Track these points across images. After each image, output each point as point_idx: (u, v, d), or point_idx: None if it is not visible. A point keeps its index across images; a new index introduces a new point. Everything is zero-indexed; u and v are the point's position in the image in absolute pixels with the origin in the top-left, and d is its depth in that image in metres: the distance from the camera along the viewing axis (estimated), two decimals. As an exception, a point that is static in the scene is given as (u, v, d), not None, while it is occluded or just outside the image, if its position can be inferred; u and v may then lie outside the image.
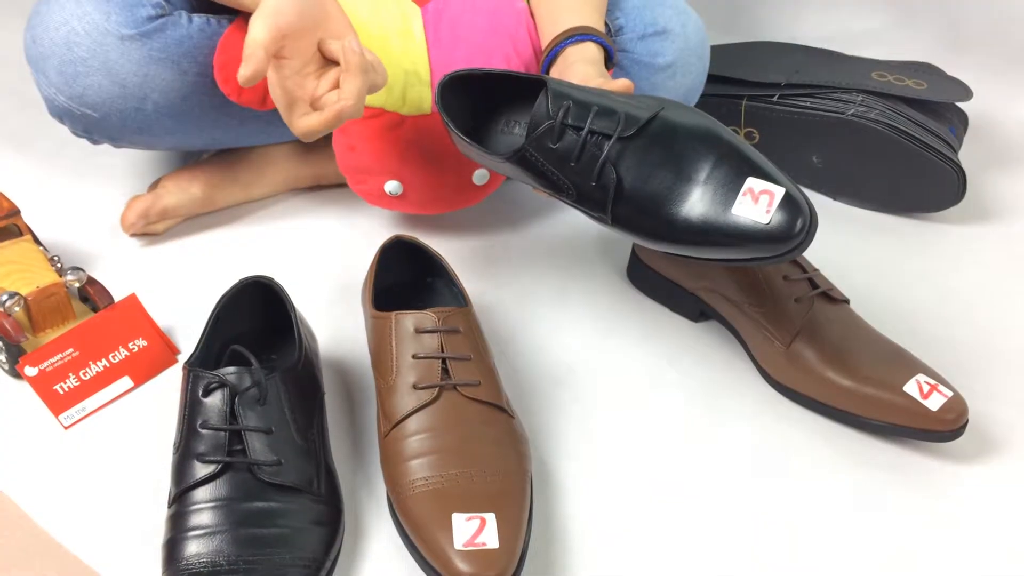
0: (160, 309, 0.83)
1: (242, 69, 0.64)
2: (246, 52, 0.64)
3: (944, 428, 0.69)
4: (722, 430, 0.74)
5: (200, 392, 0.62)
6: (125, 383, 0.75)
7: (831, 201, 1.05)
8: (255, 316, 0.74)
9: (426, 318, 0.68)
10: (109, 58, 0.79)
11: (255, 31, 0.65)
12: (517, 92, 0.79)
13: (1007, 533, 0.66)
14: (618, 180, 0.66)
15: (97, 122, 0.83)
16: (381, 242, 0.79)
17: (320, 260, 0.91)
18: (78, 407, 0.72)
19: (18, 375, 0.74)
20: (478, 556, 0.56)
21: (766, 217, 0.61)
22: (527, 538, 0.60)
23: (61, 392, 0.71)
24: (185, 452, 0.61)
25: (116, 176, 1.01)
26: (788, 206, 0.61)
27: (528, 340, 0.82)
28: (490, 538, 0.57)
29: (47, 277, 0.77)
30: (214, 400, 0.62)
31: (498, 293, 0.87)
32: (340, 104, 0.67)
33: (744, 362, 0.80)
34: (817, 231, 0.89)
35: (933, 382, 0.70)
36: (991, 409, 0.76)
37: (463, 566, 0.56)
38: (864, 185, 1.02)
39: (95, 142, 0.87)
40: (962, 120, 1.05)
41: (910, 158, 0.97)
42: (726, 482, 0.69)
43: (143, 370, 0.76)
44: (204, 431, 0.61)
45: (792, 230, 0.61)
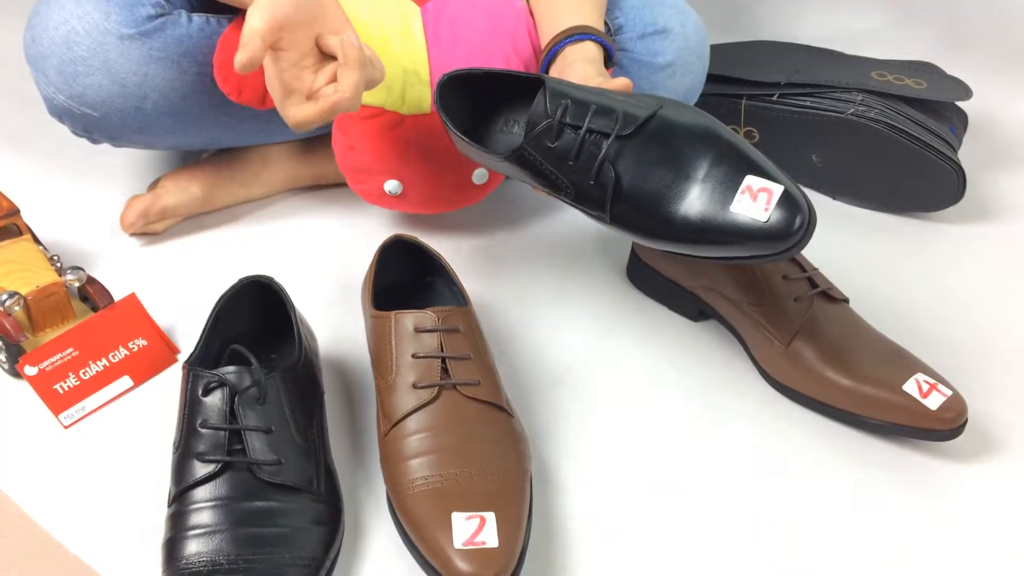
0: (160, 309, 0.83)
1: (238, 55, 0.64)
2: (243, 40, 0.64)
3: (943, 427, 0.69)
4: (721, 429, 0.74)
5: (200, 391, 0.62)
6: (125, 382, 0.75)
7: (831, 200, 1.05)
8: (255, 316, 0.74)
9: (426, 317, 0.68)
10: (109, 57, 0.79)
11: (252, 20, 0.65)
12: (516, 91, 0.79)
13: (1006, 532, 0.66)
14: (616, 179, 0.66)
15: (97, 121, 0.83)
16: (381, 241, 0.79)
17: (320, 260, 0.91)
18: (78, 406, 0.72)
19: (18, 374, 0.74)
20: (478, 555, 0.56)
21: (764, 215, 0.61)
22: (527, 537, 0.60)
23: (61, 391, 0.71)
24: (185, 451, 0.61)
25: (116, 175, 1.01)
26: (787, 204, 0.61)
27: (527, 339, 0.82)
28: (490, 537, 0.57)
29: (47, 277, 0.77)
30: (214, 399, 0.62)
31: (498, 292, 0.87)
32: (336, 96, 0.67)
33: (743, 361, 0.80)
34: (816, 229, 0.89)
35: (932, 381, 0.70)
36: (990, 408, 0.76)
37: (463, 565, 0.56)
38: (864, 184, 1.02)
39: (95, 141, 0.87)
40: (962, 119, 1.05)
41: (910, 157, 0.97)
42: (725, 481, 0.69)
43: (143, 369, 0.76)
44: (204, 430, 0.61)
45: (791, 228, 0.60)
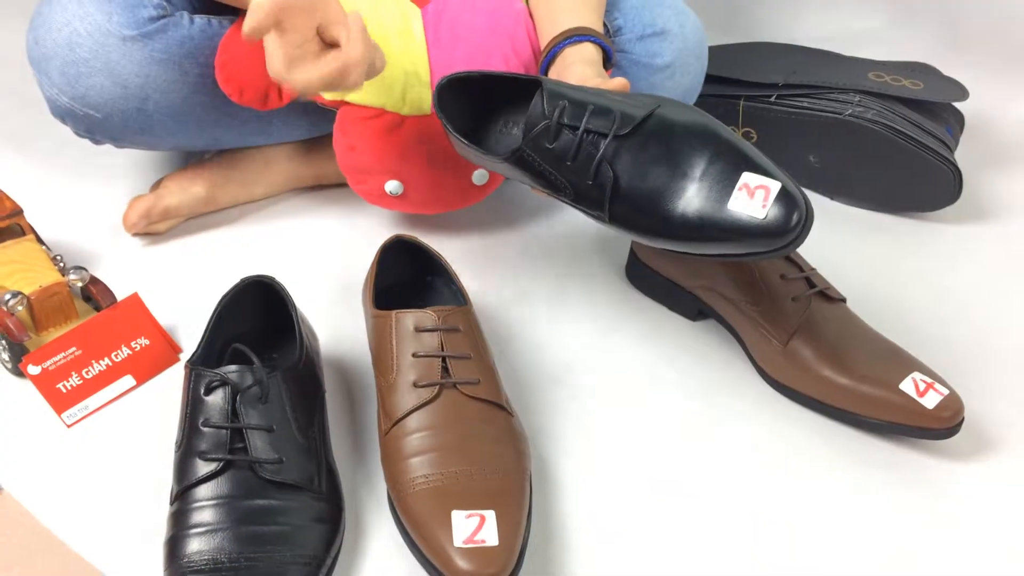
0: (162, 308, 0.83)
1: (246, 21, 0.63)
2: (251, 8, 0.64)
3: (940, 426, 0.69)
4: (720, 428, 0.74)
5: (202, 390, 0.63)
6: (127, 382, 0.75)
7: (828, 201, 1.05)
8: (256, 315, 0.75)
9: (426, 317, 0.68)
10: (111, 59, 0.80)
11: None
12: (515, 93, 0.79)
13: (1004, 531, 0.66)
14: (615, 178, 0.66)
15: (99, 122, 0.83)
16: (381, 242, 0.79)
17: (321, 260, 0.91)
18: (80, 405, 0.73)
19: (21, 374, 0.74)
20: (477, 553, 0.56)
21: (762, 212, 0.61)
22: (526, 535, 0.60)
23: (64, 391, 0.72)
24: (187, 450, 0.61)
25: (118, 176, 1.01)
26: (784, 200, 0.61)
27: (527, 339, 0.82)
28: (489, 535, 0.57)
29: (50, 276, 0.77)
30: (216, 398, 0.62)
31: (497, 292, 0.88)
32: (345, 55, 0.66)
33: (742, 361, 0.80)
34: (813, 229, 0.89)
35: (929, 380, 0.70)
36: (987, 407, 0.77)
37: (463, 563, 0.56)
38: (861, 185, 1.02)
39: (97, 142, 0.87)
40: (958, 120, 1.06)
41: (907, 158, 0.97)
42: (724, 480, 0.69)
43: (145, 369, 0.76)
44: (206, 429, 0.61)
45: (788, 224, 0.61)
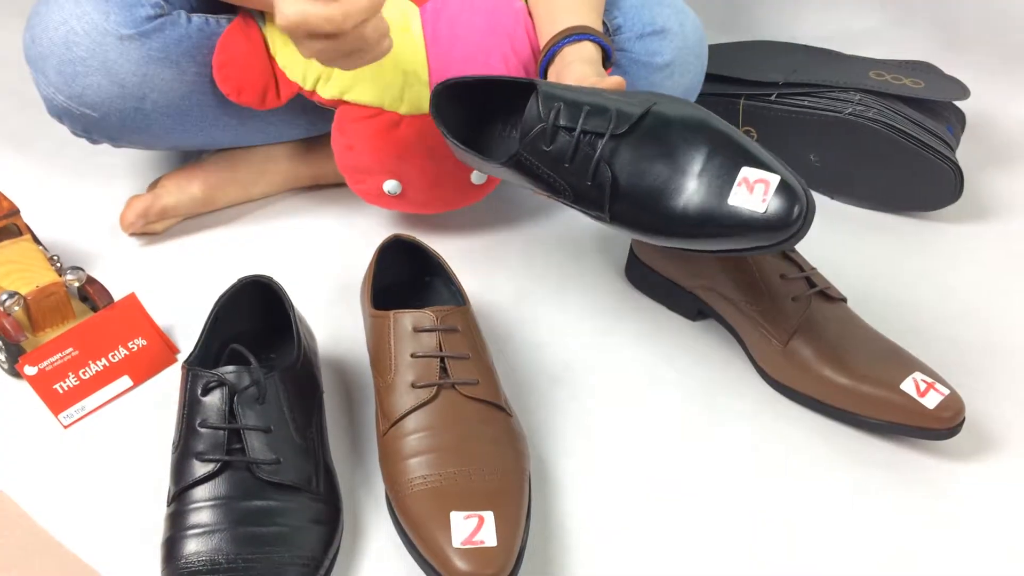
0: (159, 308, 0.83)
1: None
2: None
3: (941, 426, 0.69)
4: (720, 428, 0.74)
5: (199, 391, 0.62)
6: (124, 382, 0.75)
7: (829, 200, 1.05)
8: (254, 315, 0.75)
9: (424, 317, 0.68)
10: (108, 58, 0.79)
11: None
12: (515, 96, 0.79)
13: (1005, 531, 0.66)
14: (613, 178, 0.66)
15: (96, 122, 0.83)
16: (380, 241, 0.79)
17: (319, 259, 0.91)
18: (77, 406, 0.72)
19: (18, 374, 0.74)
20: (476, 554, 0.56)
21: (762, 206, 0.61)
22: (525, 536, 0.60)
23: (61, 391, 0.71)
24: (184, 451, 0.61)
25: (115, 176, 1.01)
26: (784, 193, 0.61)
27: (526, 339, 0.82)
28: (488, 536, 0.57)
29: (47, 276, 0.77)
30: (213, 399, 0.62)
31: (496, 292, 0.88)
32: (348, 2, 0.62)
33: (742, 361, 0.80)
34: (814, 225, 0.89)
35: (930, 380, 0.70)
36: (988, 407, 0.76)
37: (461, 564, 0.56)
38: (862, 184, 1.02)
39: (94, 142, 0.87)
40: (959, 119, 1.05)
41: (908, 157, 0.97)
42: (724, 480, 0.69)
43: (142, 369, 0.76)
44: (203, 430, 0.61)
45: (789, 217, 0.60)
